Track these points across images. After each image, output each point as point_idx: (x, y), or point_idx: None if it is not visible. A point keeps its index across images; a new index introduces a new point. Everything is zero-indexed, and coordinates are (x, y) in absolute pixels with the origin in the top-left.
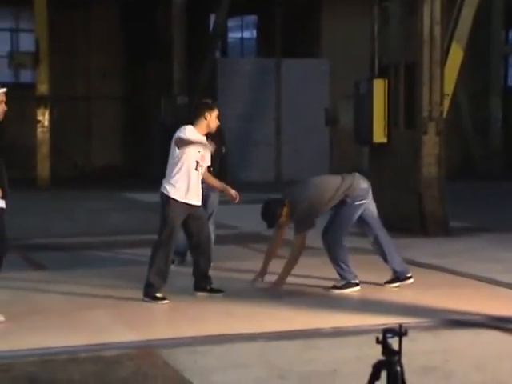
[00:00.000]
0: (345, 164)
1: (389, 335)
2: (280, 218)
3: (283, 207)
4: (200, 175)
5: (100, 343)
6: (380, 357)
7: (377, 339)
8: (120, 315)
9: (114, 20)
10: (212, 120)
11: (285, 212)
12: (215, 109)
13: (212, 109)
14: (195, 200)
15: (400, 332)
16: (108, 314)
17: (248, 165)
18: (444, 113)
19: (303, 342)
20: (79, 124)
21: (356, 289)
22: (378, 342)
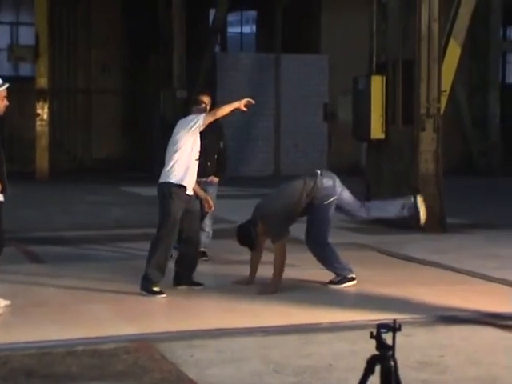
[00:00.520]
0: (343, 159)
1: (383, 330)
2: (258, 238)
3: (256, 226)
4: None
5: (97, 336)
6: (374, 351)
7: (371, 334)
8: (118, 309)
9: (115, 14)
10: None
11: (260, 230)
12: None
13: None
14: (190, 189)
15: (394, 327)
16: (106, 308)
17: (247, 159)
18: (442, 109)
19: (300, 337)
20: (79, 117)
21: (353, 283)
22: (372, 337)
